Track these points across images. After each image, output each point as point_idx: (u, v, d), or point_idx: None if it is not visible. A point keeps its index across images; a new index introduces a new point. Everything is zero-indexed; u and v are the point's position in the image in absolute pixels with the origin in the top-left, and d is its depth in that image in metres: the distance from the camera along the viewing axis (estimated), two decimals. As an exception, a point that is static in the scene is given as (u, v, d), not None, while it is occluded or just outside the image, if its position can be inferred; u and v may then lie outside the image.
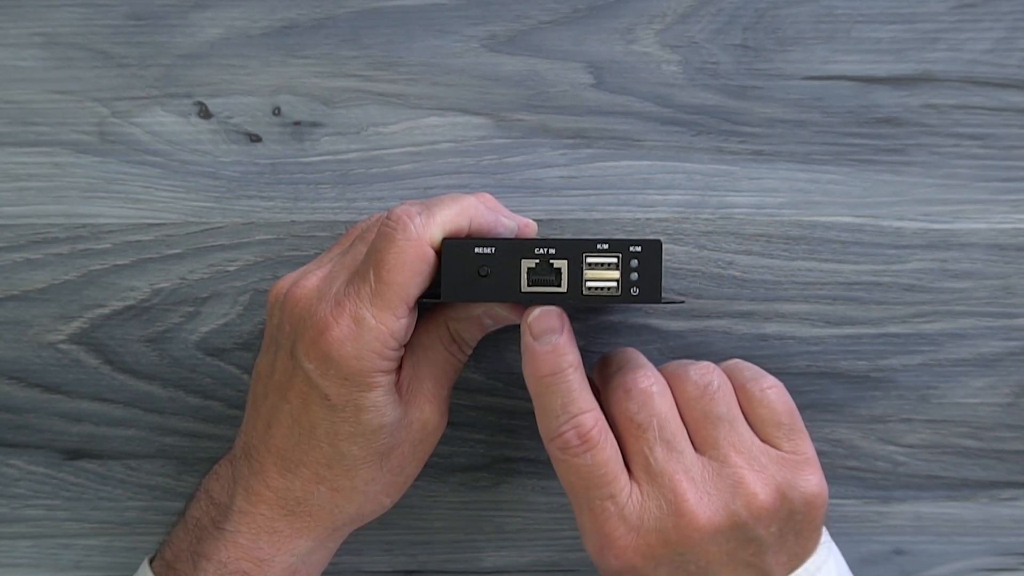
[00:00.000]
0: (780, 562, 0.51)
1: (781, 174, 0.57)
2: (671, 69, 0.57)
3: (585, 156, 0.57)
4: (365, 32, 0.57)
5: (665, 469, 0.50)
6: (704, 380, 0.52)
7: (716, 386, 0.52)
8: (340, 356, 0.48)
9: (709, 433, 0.51)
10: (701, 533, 0.49)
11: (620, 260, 0.48)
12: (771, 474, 0.51)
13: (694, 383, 0.52)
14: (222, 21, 0.57)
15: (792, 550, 0.51)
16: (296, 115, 0.57)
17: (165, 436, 0.60)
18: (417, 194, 0.58)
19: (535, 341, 0.49)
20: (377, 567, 0.61)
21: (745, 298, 0.58)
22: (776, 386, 0.53)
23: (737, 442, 0.51)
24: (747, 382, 0.53)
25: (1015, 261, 0.57)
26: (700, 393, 0.51)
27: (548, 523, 0.60)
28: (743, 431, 0.51)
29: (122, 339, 0.59)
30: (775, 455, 0.51)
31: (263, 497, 0.51)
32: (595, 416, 0.50)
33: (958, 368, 0.58)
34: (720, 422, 0.51)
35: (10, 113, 0.57)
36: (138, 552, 0.60)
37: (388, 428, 0.50)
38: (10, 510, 0.60)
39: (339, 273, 0.50)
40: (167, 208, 0.58)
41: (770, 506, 0.50)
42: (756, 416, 0.52)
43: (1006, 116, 0.57)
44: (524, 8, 0.57)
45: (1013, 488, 0.59)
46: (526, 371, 0.50)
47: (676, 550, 0.49)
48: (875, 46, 0.57)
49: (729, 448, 0.51)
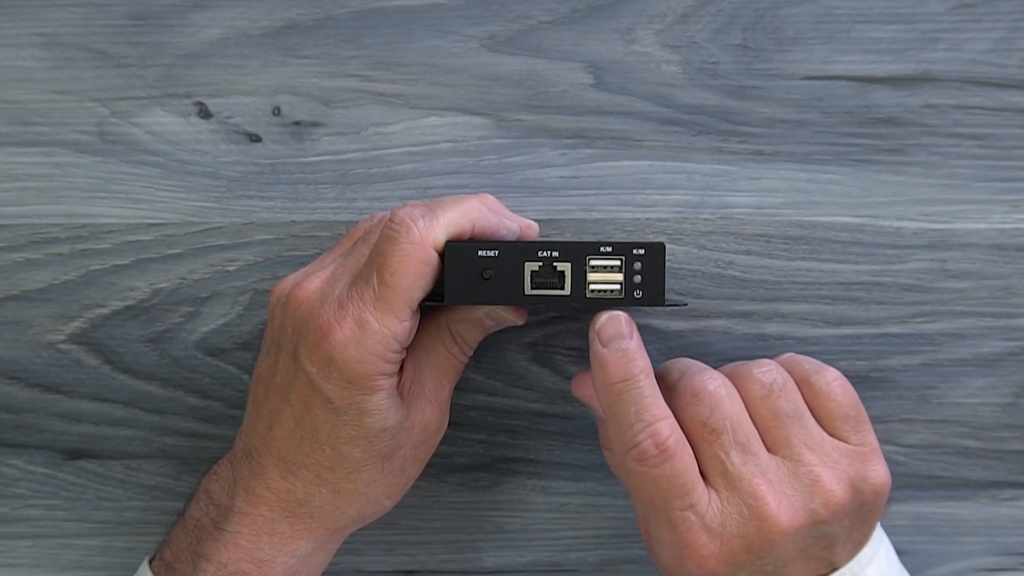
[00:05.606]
0: (846, 550, 0.51)
1: (781, 174, 0.57)
2: (671, 69, 0.57)
3: (585, 156, 0.57)
4: (365, 32, 0.57)
5: (743, 473, 0.49)
6: (769, 378, 0.51)
7: (781, 383, 0.51)
8: (343, 359, 0.48)
9: (780, 432, 0.51)
10: (783, 535, 0.49)
11: (623, 263, 0.48)
12: (843, 469, 0.50)
13: (759, 382, 0.51)
14: (222, 21, 0.57)
15: (856, 538, 0.52)
16: (296, 115, 0.57)
17: (165, 436, 0.60)
18: (417, 194, 0.58)
19: (604, 348, 0.49)
20: (377, 567, 0.61)
21: (745, 298, 0.58)
22: (839, 378, 0.52)
23: (808, 439, 0.51)
24: (810, 376, 0.52)
25: (1015, 261, 0.58)
26: (766, 392, 0.51)
27: (548, 523, 0.60)
28: (812, 427, 0.51)
29: (122, 339, 0.59)
30: (844, 449, 0.51)
31: (264, 498, 0.51)
32: (671, 424, 0.49)
33: (958, 368, 0.58)
34: (790, 420, 0.51)
35: (10, 113, 0.57)
36: (138, 552, 0.60)
37: (390, 431, 0.50)
38: (10, 510, 0.60)
39: (342, 275, 0.50)
40: (167, 208, 0.58)
41: (846, 502, 0.50)
42: (823, 410, 0.52)
43: (1006, 116, 0.57)
44: (524, 8, 0.57)
45: (1013, 488, 0.59)
46: (596, 380, 0.49)
47: (758, 554, 0.49)
48: (875, 46, 0.57)
49: (801, 446, 0.50)
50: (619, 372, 0.49)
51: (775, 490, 0.49)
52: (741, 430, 0.50)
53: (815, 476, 0.50)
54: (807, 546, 0.50)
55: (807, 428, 0.51)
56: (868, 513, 0.52)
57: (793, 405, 0.51)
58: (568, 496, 0.60)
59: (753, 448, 0.50)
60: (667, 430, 0.49)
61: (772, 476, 0.50)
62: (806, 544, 0.50)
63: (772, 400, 0.51)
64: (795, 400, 0.51)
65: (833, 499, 0.50)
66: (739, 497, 0.49)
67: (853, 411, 0.52)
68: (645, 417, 0.48)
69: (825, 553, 0.51)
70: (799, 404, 0.52)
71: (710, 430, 0.50)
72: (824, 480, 0.50)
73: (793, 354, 0.55)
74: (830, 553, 0.51)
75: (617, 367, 0.49)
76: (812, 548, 0.50)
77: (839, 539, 0.51)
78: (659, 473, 0.49)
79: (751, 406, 0.51)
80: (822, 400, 0.52)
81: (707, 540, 0.49)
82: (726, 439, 0.50)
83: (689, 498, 0.49)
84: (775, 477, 0.50)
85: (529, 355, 0.59)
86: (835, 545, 0.51)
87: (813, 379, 0.52)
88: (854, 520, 0.51)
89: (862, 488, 0.51)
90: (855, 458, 0.51)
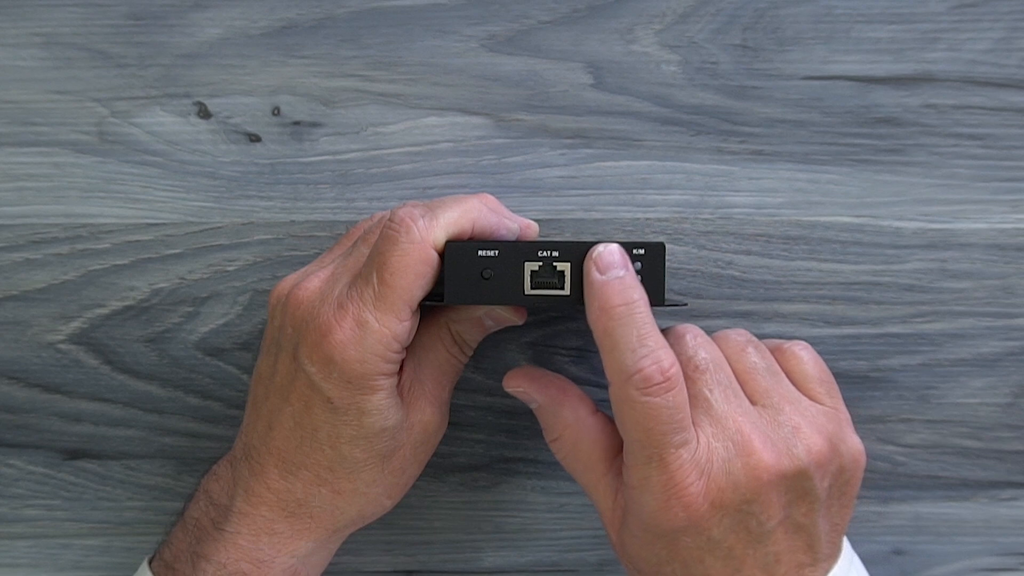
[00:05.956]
0: (825, 529, 0.51)
1: (781, 174, 0.57)
2: (671, 69, 0.57)
3: (585, 156, 0.57)
4: (365, 32, 0.57)
5: (728, 412, 0.49)
6: (743, 337, 0.53)
7: (755, 344, 0.53)
8: (343, 359, 0.48)
9: (759, 383, 0.51)
10: (769, 474, 0.48)
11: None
12: (822, 424, 0.51)
13: (734, 340, 0.53)
14: (222, 21, 0.57)
15: (834, 518, 0.52)
16: (296, 115, 0.57)
17: (164, 436, 0.60)
18: (417, 194, 0.58)
19: (602, 275, 0.47)
20: (377, 567, 0.61)
21: (745, 298, 0.58)
22: (809, 347, 0.54)
23: (786, 394, 0.52)
24: (781, 344, 0.54)
25: (1015, 261, 0.58)
26: (742, 347, 0.52)
27: (548, 523, 0.60)
28: (788, 385, 0.52)
29: (121, 339, 0.59)
30: (820, 408, 0.52)
31: (263, 499, 0.51)
32: (672, 354, 0.48)
33: (958, 368, 0.58)
34: (767, 373, 0.52)
35: (10, 113, 0.57)
36: (137, 552, 0.60)
37: (390, 431, 0.50)
38: (10, 510, 0.60)
39: (342, 275, 0.50)
40: (166, 208, 0.58)
41: (827, 454, 0.50)
42: (797, 372, 0.53)
43: (1006, 116, 0.57)
44: (524, 8, 0.57)
45: (1013, 488, 0.59)
46: (592, 308, 0.48)
47: (744, 497, 0.48)
48: (875, 46, 0.57)
49: (780, 399, 0.51)
50: (619, 296, 0.47)
51: (759, 431, 0.49)
52: (723, 372, 0.51)
53: (796, 424, 0.50)
54: (790, 502, 0.49)
55: (783, 384, 0.52)
56: (846, 483, 0.52)
57: (767, 363, 0.52)
58: (568, 496, 0.60)
59: (736, 391, 0.51)
60: (670, 358, 0.48)
61: (755, 419, 0.50)
62: (790, 499, 0.49)
63: (748, 356, 0.52)
64: (769, 359, 0.53)
65: (815, 447, 0.50)
66: (725, 434, 0.49)
67: (825, 376, 0.53)
68: (648, 343, 0.47)
69: (807, 521, 0.50)
70: (773, 363, 0.53)
71: (695, 367, 0.50)
72: (804, 429, 0.50)
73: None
74: (811, 523, 0.50)
75: (616, 292, 0.47)
76: (795, 508, 0.50)
77: (820, 504, 0.50)
78: (660, 403, 0.47)
79: (730, 360, 0.52)
80: (794, 364, 0.53)
81: (696, 479, 0.48)
82: (710, 376, 0.50)
83: (685, 434, 0.48)
84: (758, 421, 0.50)
85: (529, 355, 0.59)
86: (816, 512, 0.50)
87: (785, 346, 0.54)
88: (833, 487, 0.51)
89: (840, 448, 0.51)
90: (831, 418, 0.52)
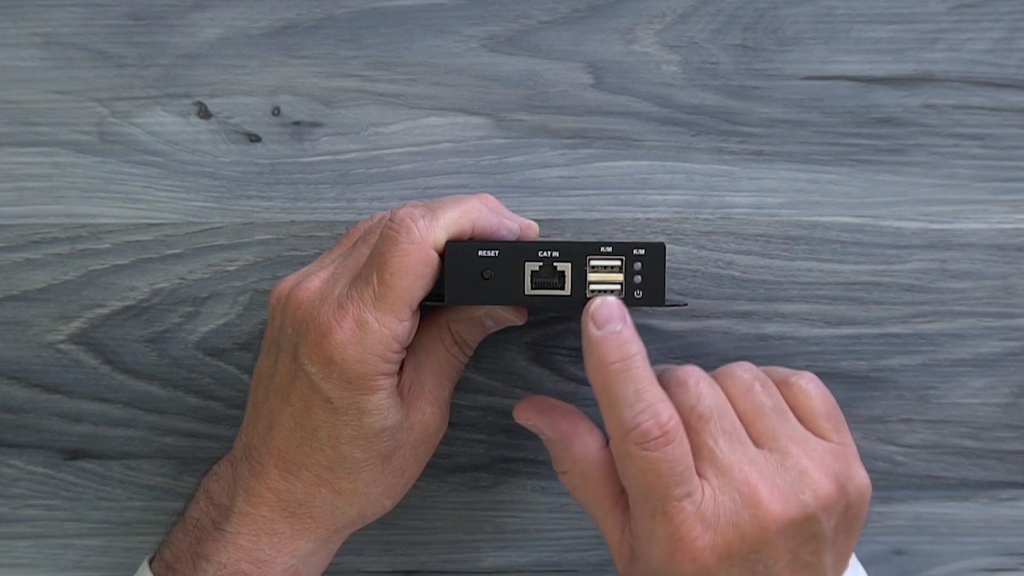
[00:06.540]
0: (831, 562, 0.51)
1: (781, 174, 0.57)
2: (671, 69, 0.57)
3: (585, 156, 0.57)
4: (365, 32, 0.57)
5: (733, 461, 0.49)
6: (749, 375, 0.52)
7: (762, 380, 0.52)
8: (343, 359, 0.48)
9: (765, 425, 0.50)
10: (777, 524, 0.48)
11: (624, 263, 0.48)
12: (829, 464, 0.50)
13: (739, 378, 0.51)
14: (222, 21, 0.57)
15: (840, 549, 0.51)
16: (296, 115, 0.57)
17: (164, 436, 0.60)
18: (417, 194, 0.58)
19: (599, 330, 0.47)
20: (377, 567, 0.61)
21: (745, 298, 0.58)
22: (816, 380, 0.53)
23: (793, 434, 0.51)
24: (787, 377, 0.53)
25: (1015, 261, 0.58)
26: (747, 387, 0.51)
27: (548, 523, 0.60)
28: (795, 424, 0.51)
29: (122, 339, 0.59)
30: (827, 446, 0.51)
31: (264, 499, 0.51)
32: (671, 407, 0.48)
33: (958, 368, 0.58)
34: (773, 414, 0.51)
35: (10, 113, 0.57)
36: (137, 552, 0.60)
37: (390, 431, 0.50)
38: (10, 510, 0.60)
39: (342, 275, 0.50)
40: (167, 208, 0.58)
41: (834, 495, 0.50)
42: (804, 408, 0.52)
43: (1006, 116, 0.57)
44: (524, 8, 0.57)
45: (1013, 488, 0.59)
46: (590, 363, 0.48)
47: (751, 547, 0.48)
48: (875, 46, 0.57)
49: (787, 440, 0.50)
50: (616, 352, 0.47)
51: (766, 479, 0.49)
52: (727, 419, 0.50)
53: (803, 468, 0.50)
54: (797, 546, 0.49)
55: (790, 424, 0.51)
56: (852, 519, 0.51)
57: (774, 401, 0.51)
58: (568, 496, 0.59)
59: (741, 437, 0.50)
60: (668, 411, 0.48)
61: (761, 466, 0.49)
62: (797, 543, 0.49)
63: (754, 395, 0.51)
64: (776, 397, 0.52)
65: (822, 490, 0.49)
66: (731, 485, 0.48)
67: (832, 410, 0.52)
68: (646, 397, 0.47)
69: (813, 559, 0.50)
70: (780, 401, 0.52)
71: (697, 416, 0.49)
72: (812, 472, 0.49)
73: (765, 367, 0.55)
74: (818, 561, 0.50)
75: (613, 348, 0.47)
76: (802, 550, 0.49)
77: (827, 543, 0.50)
78: (659, 457, 0.47)
79: (734, 401, 0.51)
80: (801, 399, 0.52)
81: (702, 532, 0.48)
82: (714, 425, 0.49)
83: (687, 486, 0.48)
84: (764, 468, 0.49)
85: (529, 355, 0.59)
86: (823, 551, 0.50)
87: (791, 379, 0.53)
88: (840, 523, 0.51)
89: (847, 486, 0.50)
90: (839, 455, 0.51)
